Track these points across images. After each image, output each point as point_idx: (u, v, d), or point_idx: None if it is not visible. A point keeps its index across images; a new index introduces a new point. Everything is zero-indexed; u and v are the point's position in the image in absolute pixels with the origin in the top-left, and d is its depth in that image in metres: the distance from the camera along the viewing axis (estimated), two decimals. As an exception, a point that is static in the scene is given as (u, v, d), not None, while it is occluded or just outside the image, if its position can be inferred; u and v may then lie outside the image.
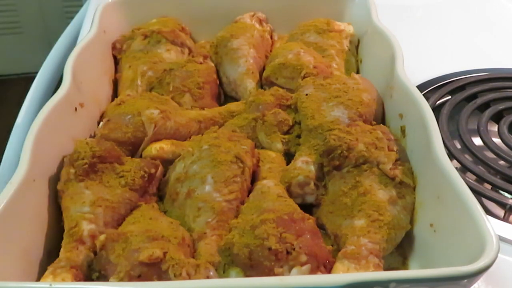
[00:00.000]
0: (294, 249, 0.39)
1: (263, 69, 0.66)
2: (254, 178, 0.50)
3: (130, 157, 0.50)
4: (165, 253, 0.38)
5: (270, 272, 0.39)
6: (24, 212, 0.41)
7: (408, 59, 0.56)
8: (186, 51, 0.67)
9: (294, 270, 0.39)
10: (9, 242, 0.39)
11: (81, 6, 0.92)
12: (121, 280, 0.37)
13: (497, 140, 0.60)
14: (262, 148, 0.54)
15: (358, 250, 0.41)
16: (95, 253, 0.41)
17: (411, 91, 0.50)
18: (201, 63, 0.63)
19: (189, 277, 0.37)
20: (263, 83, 0.64)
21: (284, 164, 0.52)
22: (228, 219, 0.45)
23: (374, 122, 0.53)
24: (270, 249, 0.39)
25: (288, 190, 0.48)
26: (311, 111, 0.52)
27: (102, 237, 0.41)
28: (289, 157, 0.53)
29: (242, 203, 0.47)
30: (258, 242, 0.39)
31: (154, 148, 0.52)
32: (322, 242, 0.42)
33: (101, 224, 0.43)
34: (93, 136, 0.55)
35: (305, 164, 0.49)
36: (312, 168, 0.49)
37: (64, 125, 0.50)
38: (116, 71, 0.66)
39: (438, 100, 0.66)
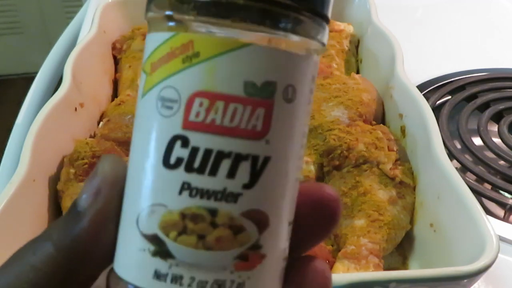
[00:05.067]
0: (294, 249, 0.39)
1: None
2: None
3: (130, 157, 0.50)
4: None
5: (270, 272, 0.39)
6: (24, 212, 0.41)
7: (408, 59, 0.56)
8: (186, 51, 0.67)
9: (294, 270, 0.39)
10: (9, 242, 0.39)
11: (81, 6, 0.92)
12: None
13: (497, 140, 0.60)
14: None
15: (358, 250, 0.41)
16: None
17: (411, 91, 0.50)
18: (201, 63, 0.63)
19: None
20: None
21: (284, 164, 0.52)
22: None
23: (374, 122, 0.54)
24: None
25: (288, 190, 0.48)
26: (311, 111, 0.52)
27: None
28: (289, 157, 0.53)
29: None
30: (258, 242, 0.39)
31: (154, 148, 0.51)
32: (322, 242, 0.42)
33: (101, 224, 0.43)
34: (93, 136, 0.55)
35: (305, 164, 0.49)
36: (312, 168, 0.49)
37: (64, 125, 0.50)
38: (116, 71, 0.66)
39: (438, 100, 0.66)
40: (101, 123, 0.54)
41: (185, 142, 0.18)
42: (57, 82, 0.75)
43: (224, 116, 0.17)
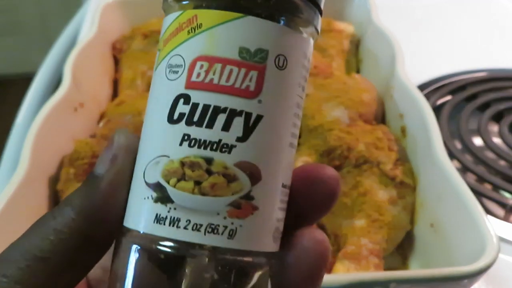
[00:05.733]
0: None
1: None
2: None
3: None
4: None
5: (270, 272, 0.39)
6: (24, 212, 0.41)
7: (408, 59, 0.56)
8: (186, 51, 0.67)
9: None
10: (9, 242, 0.38)
11: (81, 6, 0.92)
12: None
13: (497, 140, 0.60)
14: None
15: (358, 250, 0.41)
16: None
17: (411, 91, 0.50)
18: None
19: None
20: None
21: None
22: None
23: (374, 122, 0.53)
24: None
25: (288, 190, 0.48)
26: (311, 111, 0.52)
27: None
28: (289, 157, 0.53)
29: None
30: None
31: (154, 148, 0.51)
32: (322, 242, 0.42)
33: (101, 224, 0.43)
34: (93, 136, 0.54)
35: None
36: (312, 168, 0.48)
37: (64, 125, 0.50)
38: (116, 71, 0.66)
39: (439, 100, 0.66)
40: (101, 123, 0.54)
41: (187, 99, 0.20)
42: (57, 82, 0.75)
43: (221, 76, 0.20)
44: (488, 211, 0.52)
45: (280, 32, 0.20)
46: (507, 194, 0.53)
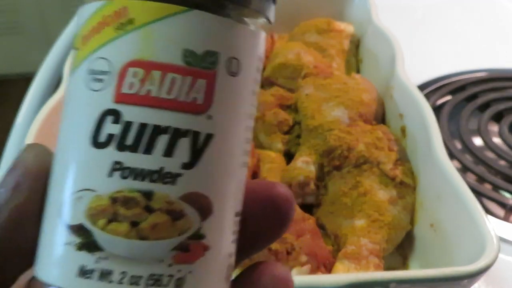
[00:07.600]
0: (294, 249, 0.39)
1: (263, 69, 0.66)
2: (254, 178, 0.50)
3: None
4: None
5: (270, 272, 0.39)
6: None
7: (408, 59, 0.56)
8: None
9: (294, 270, 0.39)
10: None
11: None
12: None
13: (497, 140, 0.60)
14: (262, 148, 0.54)
15: (358, 250, 0.41)
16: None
17: (411, 91, 0.50)
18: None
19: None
20: (263, 83, 0.64)
21: (284, 164, 0.52)
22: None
23: (374, 122, 0.53)
24: (270, 249, 0.39)
25: (288, 190, 0.48)
26: (311, 111, 0.52)
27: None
28: (289, 157, 0.53)
29: (242, 203, 0.47)
30: (258, 242, 0.39)
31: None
32: (322, 242, 0.42)
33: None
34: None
35: (305, 164, 0.49)
36: (312, 168, 0.49)
37: (64, 125, 0.50)
38: (116, 71, 0.66)
39: (439, 100, 0.66)
40: (101, 123, 0.54)
41: (116, 116, 0.16)
42: (57, 82, 0.75)
43: (161, 87, 0.16)
44: (488, 211, 0.52)
45: (234, 29, 0.17)
46: (507, 194, 0.53)
